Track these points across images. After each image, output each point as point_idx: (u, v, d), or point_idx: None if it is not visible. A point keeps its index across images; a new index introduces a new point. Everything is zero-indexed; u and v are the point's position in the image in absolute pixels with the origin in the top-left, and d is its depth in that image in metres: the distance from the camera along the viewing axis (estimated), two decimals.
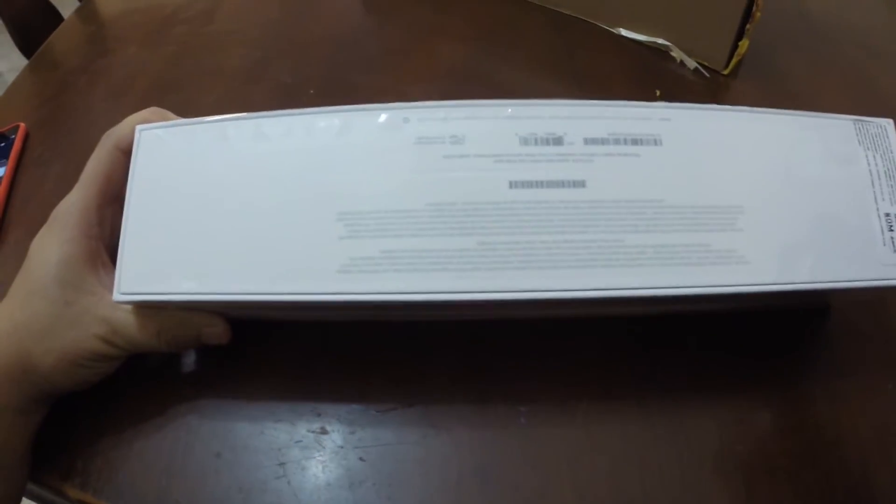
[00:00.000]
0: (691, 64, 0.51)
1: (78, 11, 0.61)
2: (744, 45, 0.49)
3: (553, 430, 0.33)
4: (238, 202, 0.29)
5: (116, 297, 0.28)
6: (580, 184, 0.29)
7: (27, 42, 0.61)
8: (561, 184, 0.29)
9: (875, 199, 0.30)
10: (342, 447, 0.32)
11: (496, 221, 0.28)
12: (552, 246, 0.28)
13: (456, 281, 0.27)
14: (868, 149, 0.31)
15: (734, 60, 0.50)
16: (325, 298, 0.28)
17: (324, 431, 0.32)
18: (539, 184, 0.29)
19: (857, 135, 0.31)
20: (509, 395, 0.33)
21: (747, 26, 0.48)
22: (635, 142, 0.29)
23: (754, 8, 0.47)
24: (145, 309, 0.30)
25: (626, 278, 0.28)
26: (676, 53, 0.52)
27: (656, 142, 0.30)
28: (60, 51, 0.57)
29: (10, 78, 0.55)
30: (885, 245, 0.29)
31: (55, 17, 0.65)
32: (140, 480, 0.32)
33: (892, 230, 0.29)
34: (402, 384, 0.34)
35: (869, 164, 0.30)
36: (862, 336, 0.36)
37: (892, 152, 0.31)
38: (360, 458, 0.32)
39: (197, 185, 0.29)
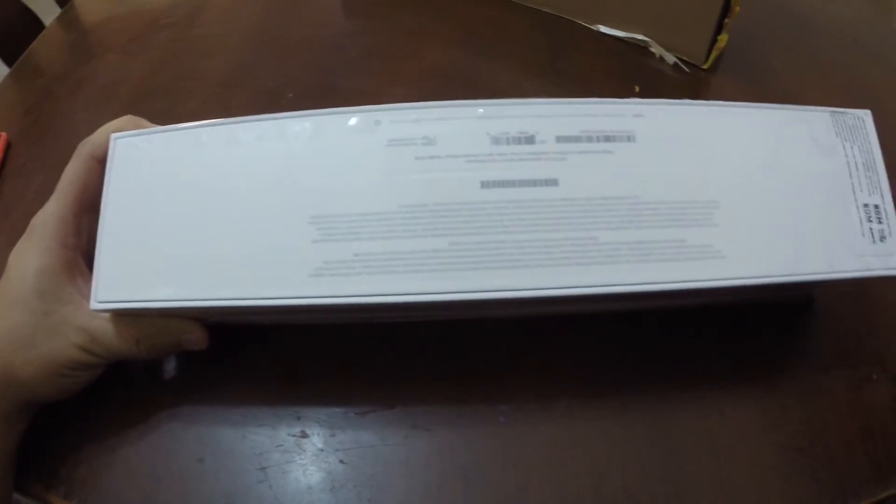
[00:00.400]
0: (670, 59, 0.51)
1: (59, 18, 0.61)
2: (723, 39, 0.49)
3: (533, 429, 0.33)
4: (212, 208, 0.29)
5: (94, 305, 0.29)
6: (552, 182, 0.29)
7: (8, 50, 0.60)
8: (533, 183, 0.29)
9: (853, 190, 0.30)
10: (322, 450, 0.32)
11: (468, 221, 0.28)
12: (524, 245, 0.28)
13: (429, 282, 0.28)
14: (846, 140, 0.31)
15: (713, 55, 0.50)
16: (299, 303, 0.28)
17: (304, 435, 0.33)
18: (511, 183, 0.29)
19: (835, 126, 0.31)
20: (489, 394, 0.34)
21: (726, 20, 0.48)
22: (608, 139, 0.29)
23: (732, 2, 0.47)
24: (123, 317, 0.30)
25: (600, 276, 0.28)
26: (656, 49, 0.52)
27: (629, 138, 0.30)
28: (42, 58, 0.57)
29: None
30: (863, 236, 0.29)
31: (36, 25, 0.65)
32: (124, 488, 0.32)
33: (870, 221, 0.29)
34: (381, 386, 0.34)
35: (847, 156, 0.30)
36: (845, 328, 0.36)
37: (870, 143, 0.31)
38: (341, 461, 0.32)
39: (171, 192, 0.30)
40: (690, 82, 0.50)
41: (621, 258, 0.28)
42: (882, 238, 0.29)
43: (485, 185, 0.29)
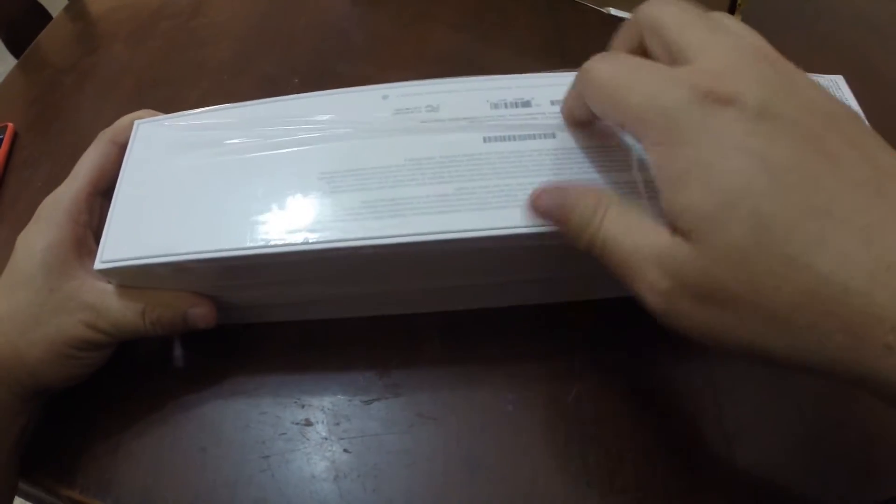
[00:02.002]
0: None
1: (66, 9, 0.61)
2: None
3: (542, 419, 0.32)
4: (222, 177, 0.30)
5: (98, 265, 0.29)
6: (550, 135, 0.30)
7: (16, 41, 0.60)
8: (532, 136, 0.30)
9: None
10: (326, 439, 0.32)
11: (472, 170, 0.29)
12: (529, 187, 0.28)
13: (436, 223, 0.28)
14: None
15: None
16: (307, 248, 0.28)
17: (308, 423, 0.32)
18: (511, 137, 0.30)
19: None
20: (496, 382, 0.33)
21: (738, 2, 0.47)
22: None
23: None
24: (129, 290, 0.30)
25: None
26: None
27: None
28: (49, 50, 0.57)
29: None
30: None
31: (43, 16, 0.65)
32: (128, 477, 0.32)
33: None
34: (386, 374, 0.34)
35: None
36: None
37: (846, 100, 0.32)
38: (345, 450, 0.31)
39: (185, 165, 0.31)
40: None
41: (632, 194, 0.28)
42: None
43: (487, 140, 0.30)
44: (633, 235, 0.23)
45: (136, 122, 0.33)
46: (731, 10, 0.47)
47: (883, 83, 0.46)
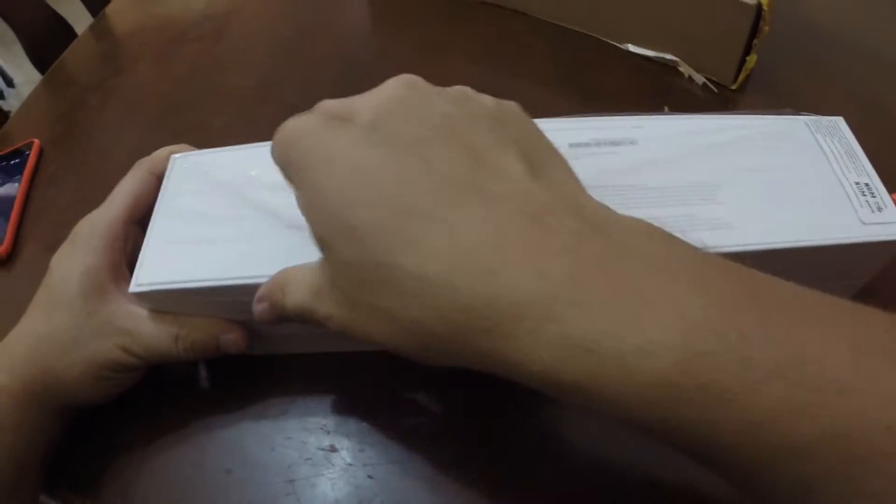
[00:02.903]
0: (699, 79, 0.51)
1: (91, 28, 0.62)
2: (751, 59, 0.49)
3: (567, 440, 0.33)
4: (255, 205, 0.31)
5: (133, 289, 0.29)
6: None
7: (40, 57, 0.61)
8: None
9: (842, 171, 0.32)
10: (351, 465, 0.32)
11: None
12: None
13: None
14: (825, 136, 0.34)
15: (742, 75, 0.50)
16: None
17: (333, 449, 0.33)
18: None
19: (812, 127, 0.34)
20: (521, 406, 0.33)
21: (754, 41, 0.48)
22: (614, 143, 0.33)
23: (761, 23, 0.47)
24: (163, 315, 0.31)
25: None
26: (684, 69, 0.52)
27: (632, 142, 0.33)
28: (74, 67, 0.58)
29: (25, 90, 0.56)
30: (862, 207, 0.31)
31: (68, 32, 0.66)
32: (152, 496, 0.32)
33: (864, 195, 0.32)
34: (410, 401, 0.34)
35: (826, 147, 0.33)
36: None
37: (847, 138, 0.34)
38: (369, 476, 0.32)
39: (219, 193, 0.32)
40: (719, 102, 0.50)
41: None
42: (879, 209, 0.31)
43: None
44: (303, 285, 0.25)
45: (172, 157, 0.34)
46: (748, 52, 0.48)
47: (893, 120, 0.47)
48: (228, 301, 0.31)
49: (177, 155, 0.34)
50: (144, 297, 0.30)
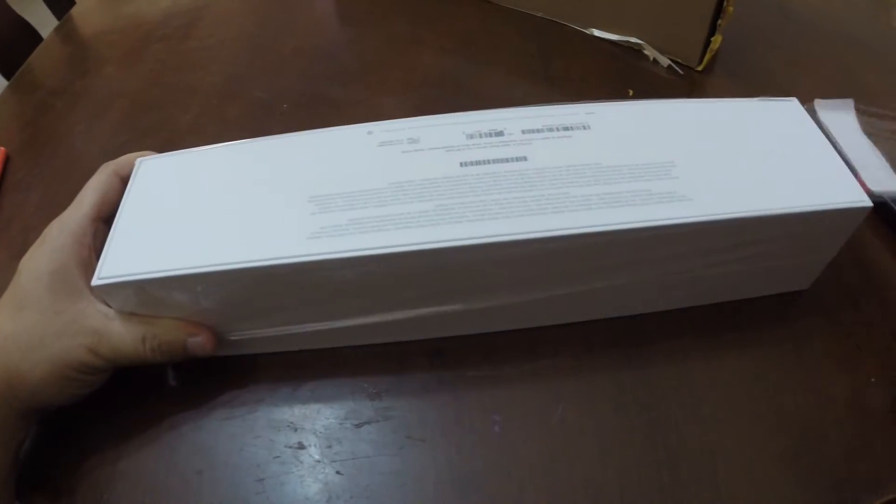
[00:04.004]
0: (664, 61, 0.51)
1: (56, 31, 0.62)
2: (717, 40, 0.49)
3: (529, 438, 0.33)
4: (218, 201, 0.32)
5: (95, 282, 0.30)
6: (522, 159, 0.33)
7: (6, 62, 0.61)
8: (505, 160, 0.33)
9: (800, 149, 0.33)
10: (319, 461, 0.32)
11: (451, 189, 0.31)
12: (503, 202, 0.31)
13: (417, 235, 0.30)
14: (782, 115, 0.35)
15: (707, 56, 0.50)
16: (296, 261, 0.29)
17: (301, 446, 0.33)
18: (486, 161, 0.33)
19: (766, 107, 0.35)
20: (484, 403, 0.34)
21: (719, 21, 0.48)
22: (566, 129, 0.34)
23: (726, 3, 0.47)
24: (130, 316, 0.31)
25: (576, 220, 0.30)
26: (649, 52, 0.52)
27: (585, 127, 0.34)
28: (39, 72, 0.58)
29: None
30: (817, 180, 0.32)
31: (33, 36, 0.65)
32: (124, 499, 0.32)
33: (817, 168, 0.32)
34: (377, 397, 0.34)
35: (786, 126, 0.34)
36: (842, 329, 0.36)
37: (802, 118, 0.35)
38: (338, 472, 0.32)
39: (181, 195, 0.33)
40: (685, 84, 0.50)
41: (593, 206, 0.31)
42: (835, 180, 0.32)
43: (463, 164, 0.33)
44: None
45: (138, 160, 0.35)
46: (712, 33, 0.48)
47: (872, 97, 0.47)
48: (192, 298, 0.31)
49: (142, 158, 0.35)
50: (107, 291, 0.30)
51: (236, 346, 0.35)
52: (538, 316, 0.36)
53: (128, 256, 0.30)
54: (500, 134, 0.34)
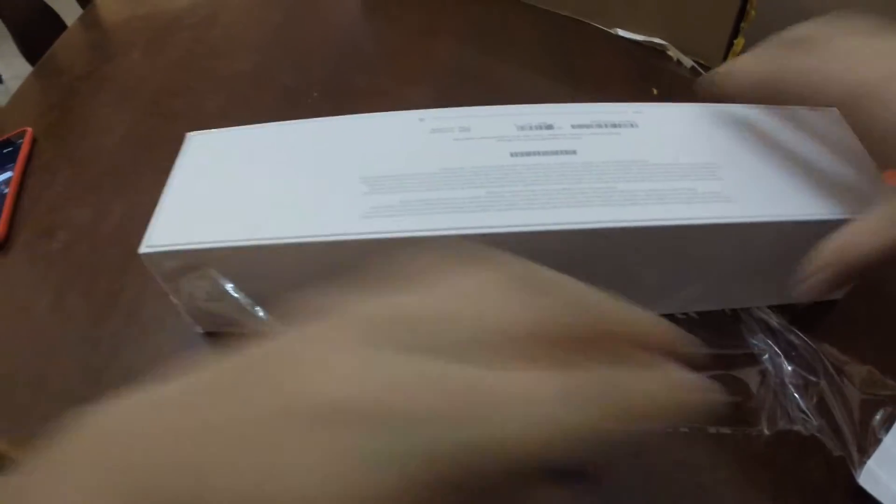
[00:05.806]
0: (688, 62, 0.52)
1: (81, 18, 0.62)
2: (739, 42, 0.50)
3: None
4: (269, 177, 0.33)
5: (143, 249, 0.30)
6: (571, 152, 0.33)
7: (31, 49, 0.61)
8: (555, 153, 0.33)
9: (838, 158, 0.33)
10: None
11: (501, 178, 0.32)
12: (552, 193, 0.31)
13: (467, 219, 0.30)
14: (821, 123, 0.34)
15: (730, 58, 0.51)
16: (348, 238, 0.30)
17: None
18: (536, 153, 0.33)
19: (807, 115, 0.35)
20: None
21: (742, 24, 0.49)
22: (615, 126, 0.34)
23: (748, 6, 0.47)
24: None
25: (621, 213, 0.31)
26: (673, 52, 0.52)
27: (632, 125, 0.34)
28: (65, 57, 0.58)
29: (13, 85, 0.56)
30: (852, 188, 0.32)
31: (58, 24, 0.66)
32: None
33: (858, 175, 0.32)
34: None
35: (825, 135, 0.34)
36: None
37: (841, 127, 0.34)
38: None
39: (233, 168, 0.33)
40: None
41: (639, 201, 0.31)
42: (870, 191, 0.32)
43: (514, 154, 0.33)
44: None
45: (188, 134, 0.35)
46: (735, 35, 0.49)
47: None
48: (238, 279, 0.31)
49: (192, 133, 0.35)
50: (153, 260, 0.30)
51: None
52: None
53: (176, 226, 0.31)
54: (549, 127, 0.34)
